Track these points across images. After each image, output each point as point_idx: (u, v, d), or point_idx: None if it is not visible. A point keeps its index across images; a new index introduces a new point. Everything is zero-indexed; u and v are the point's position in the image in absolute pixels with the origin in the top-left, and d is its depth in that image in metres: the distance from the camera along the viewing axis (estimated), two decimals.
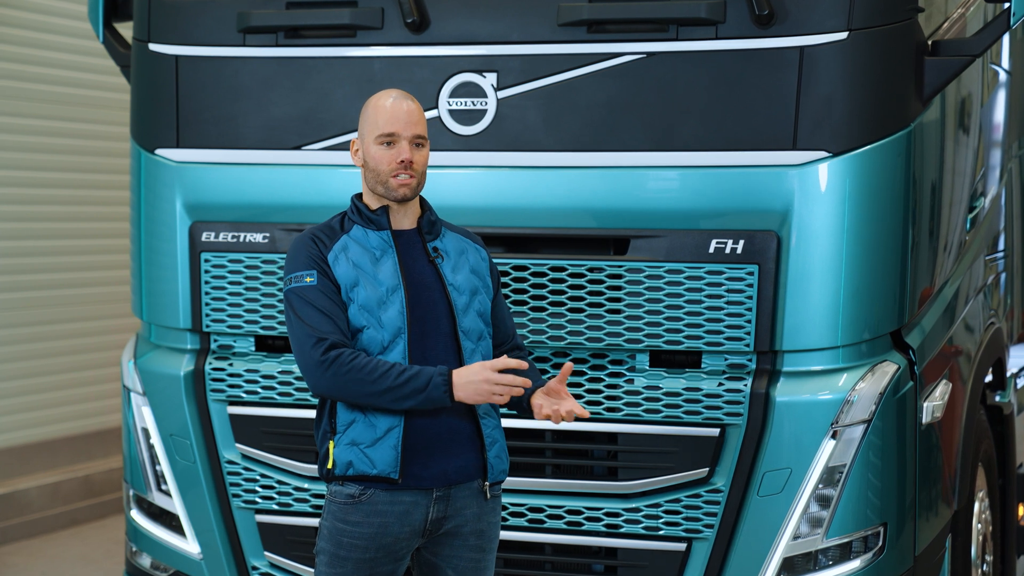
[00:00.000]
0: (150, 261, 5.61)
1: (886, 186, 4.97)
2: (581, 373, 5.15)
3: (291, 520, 5.41)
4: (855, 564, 4.99)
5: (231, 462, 5.48)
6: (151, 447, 5.65)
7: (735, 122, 4.95)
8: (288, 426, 5.36)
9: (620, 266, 5.05)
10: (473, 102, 5.15)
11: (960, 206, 5.63)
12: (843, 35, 4.87)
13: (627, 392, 5.09)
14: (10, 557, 8.34)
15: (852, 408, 4.92)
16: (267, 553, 5.46)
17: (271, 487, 5.43)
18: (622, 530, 5.12)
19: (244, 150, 5.42)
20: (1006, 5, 5.00)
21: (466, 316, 4.16)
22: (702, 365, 5.06)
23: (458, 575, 4.20)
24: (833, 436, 4.93)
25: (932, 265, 5.30)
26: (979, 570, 5.82)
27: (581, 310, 5.09)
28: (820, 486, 4.94)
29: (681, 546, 5.07)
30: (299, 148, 5.34)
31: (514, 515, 5.21)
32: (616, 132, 5.04)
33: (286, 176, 5.37)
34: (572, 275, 5.10)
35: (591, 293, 5.08)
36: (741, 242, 4.96)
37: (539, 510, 5.20)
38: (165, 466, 5.60)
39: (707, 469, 5.03)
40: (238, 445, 5.47)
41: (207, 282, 5.46)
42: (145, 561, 5.79)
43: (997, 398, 6.29)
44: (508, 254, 5.14)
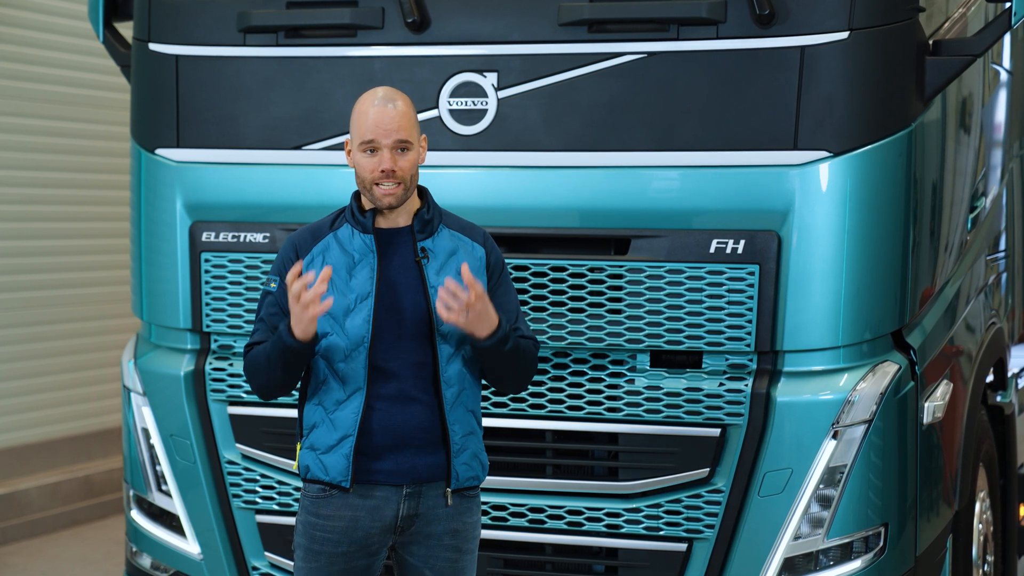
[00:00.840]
0: (150, 261, 5.61)
1: (887, 186, 4.96)
2: (582, 373, 5.14)
3: (291, 520, 5.39)
4: (856, 564, 4.98)
5: (231, 462, 5.47)
6: (151, 447, 5.65)
7: (736, 122, 4.95)
8: (288, 426, 5.35)
9: (621, 266, 5.04)
10: (474, 102, 5.14)
11: (961, 206, 5.63)
12: (844, 35, 4.86)
13: (628, 392, 5.09)
14: (10, 557, 8.34)
15: (853, 408, 4.92)
16: (267, 553, 5.46)
17: (271, 487, 5.43)
18: (623, 530, 5.11)
19: (244, 150, 5.41)
20: (1007, 5, 5.00)
21: None
22: (703, 365, 5.06)
23: (436, 575, 4.20)
24: (834, 436, 4.92)
25: (933, 265, 5.29)
26: (980, 570, 5.82)
27: (582, 310, 5.08)
28: (821, 486, 4.93)
29: (682, 546, 5.07)
30: (299, 148, 5.33)
31: (515, 515, 5.21)
32: (617, 132, 5.04)
33: (286, 176, 5.36)
34: (573, 275, 5.09)
35: (592, 293, 5.07)
36: (742, 242, 4.95)
37: (540, 510, 5.19)
38: (165, 466, 5.60)
39: (708, 469, 5.02)
40: (238, 445, 5.46)
41: (207, 282, 5.46)
42: (145, 561, 5.78)
43: (998, 398, 6.29)
44: (509, 254, 5.13)
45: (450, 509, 4.16)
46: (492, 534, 5.20)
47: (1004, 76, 6.29)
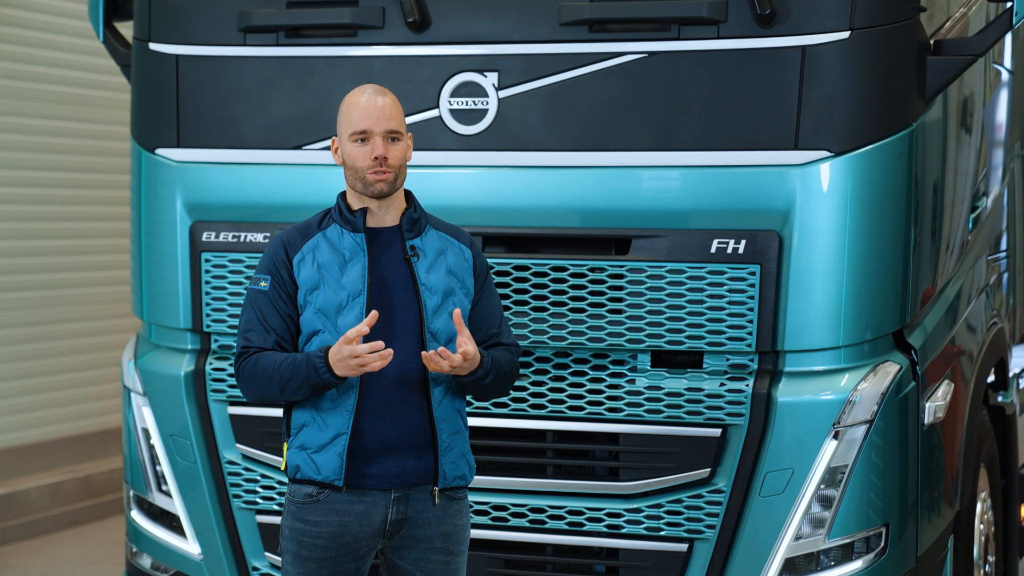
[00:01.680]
0: (150, 261, 5.61)
1: (888, 186, 4.96)
2: (583, 373, 5.14)
3: None
4: (857, 565, 4.98)
5: (232, 462, 5.47)
6: (151, 447, 5.64)
7: (737, 122, 4.95)
8: None
9: (622, 266, 5.04)
10: (474, 102, 5.14)
11: (962, 206, 5.63)
12: (845, 35, 4.86)
13: (628, 392, 5.08)
14: (10, 558, 8.33)
15: (854, 408, 4.91)
16: (267, 554, 5.46)
17: (272, 487, 5.42)
18: (623, 531, 5.11)
19: (244, 150, 5.41)
20: (1008, 4, 4.99)
21: (437, 318, 4.11)
22: (704, 365, 5.05)
23: None
24: (835, 436, 4.92)
25: (934, 265, 5.29)
26: (981, 571, 5.82)
27: (582, 310, 5.08)
28: (822, 486, 4.93)
29: (683, 547, 5.07)
30: (299, 148, 5.33)
31: (515, 515, 5.20)
32: (617, 132, 5.04)
33: (286, 176, 5.36)
34: (573, 275, 5.09)
35: (592, 293, 5.07)
36: (743, 242, 4.95)
37: (540, 510, 5.19)
38: (165, 466, 5.60)
39: (709, 469, 5.02)
40: (239, 445, 5.46)
41: (207, 282, 5.46)
42: (145, 562, 5.78)
43: (999, 398, 6.29)
44: (509, 254, 5.14)
45: (440, 512, 4.15)
46: (493, 534, 5.20)
47: (1005, 76, 6.28)
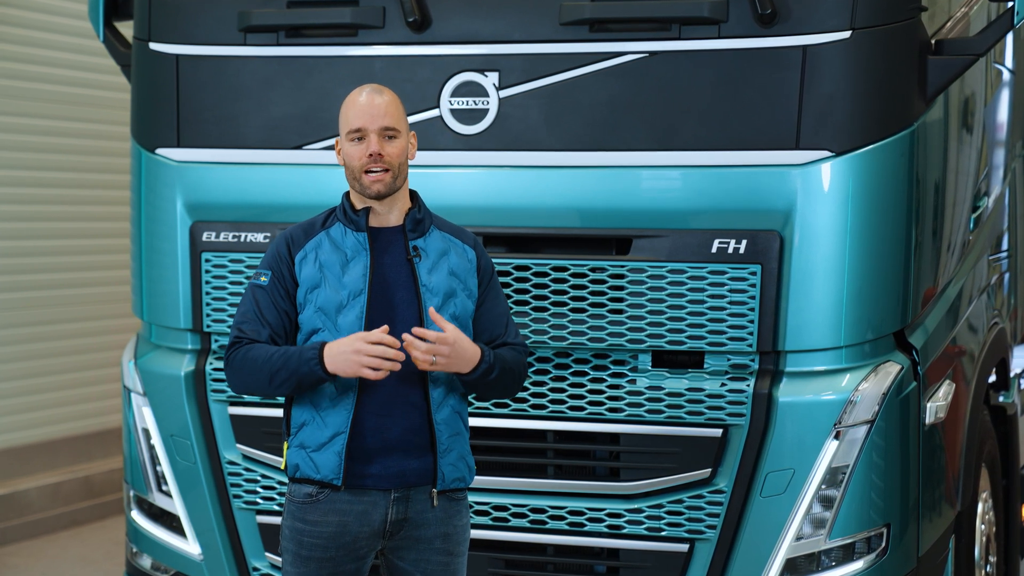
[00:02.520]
0: (150, 261, 5.60)
1: (889, 186, 4.96)
2: (583, 373, 5.13)
3: None
4: (858, 565, 4.97)
5: (232, 463, 5.47)
6: (152, 448, 5.64)
7: (738, 121, 4.94)
8: None
9: (622, 266, 5.04)
10: (475, 101, 5.13)
11: (963, 206, 5.62)
12: (846, 34, 4.85)
13: (629, 392, 5.08)
14: (10, 558, 8.33)
15: (855, 408, 4.91)
16: (268, 554, 5.45)
17: (272, 488, 5.42)
18: (624, 531, 5.11)
19: (245, 150, 5.41)
20: (1010, 4, 4.99)
21: None
22: (705, 365, 5.05)
23: None
24: (836, 436, 4.92)
25: (935, 265, 5.29)
26: (983, 571, 5.81)
27: (583, 310, 5.07)
28: (823, 487, 4.92)
29: (683, 547, 5.06)
30: (300, 148, 5.33)
31: (516, 516, 5.20)
32: (618, 131, 5.03)
33: (287, 176, 5.36)
34: (574, 275, 5.08)
35: (593, 293, 5.07)
36: (744, 242, 4.94)
37: (541, 511, 5.19)
38: (166, 467, 5.59)
39: (710, 470, 5.02)
40: (239, 445, 5.46)
41: (208, 282, 5.45)
42: (146, 562, 5.77)
43: (1000, 399, 6.29)
44: (510, 254, 5.13)
45: (439, 513, 4.15)
46: (494, 534, 5.20)
47: (1006, 76, 6.28)
